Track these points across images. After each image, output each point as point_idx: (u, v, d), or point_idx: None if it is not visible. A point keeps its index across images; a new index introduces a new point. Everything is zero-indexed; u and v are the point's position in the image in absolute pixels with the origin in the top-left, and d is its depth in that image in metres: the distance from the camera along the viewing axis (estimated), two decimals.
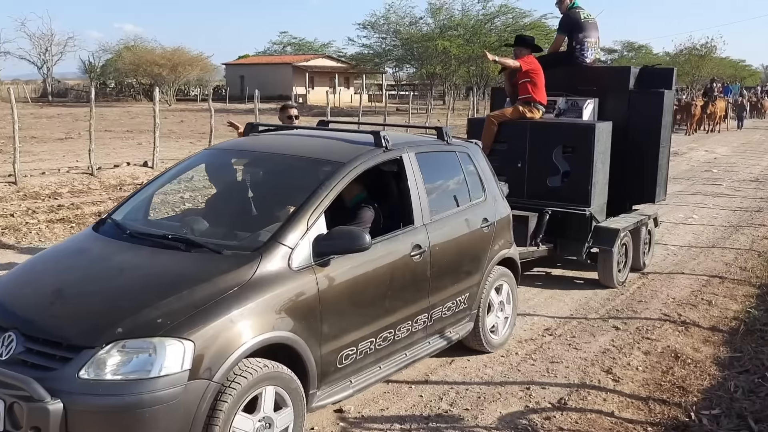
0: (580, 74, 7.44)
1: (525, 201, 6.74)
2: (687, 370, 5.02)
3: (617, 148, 6.98)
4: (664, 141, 7.22)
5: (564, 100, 7.32)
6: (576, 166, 6.72)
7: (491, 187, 5.26)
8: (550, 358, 5.19)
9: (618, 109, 7.18)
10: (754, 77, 70.08)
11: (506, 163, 6.85)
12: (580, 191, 6.64)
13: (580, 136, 6.69)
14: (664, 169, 7.42)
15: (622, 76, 7.29)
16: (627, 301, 6.56)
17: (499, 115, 7.15)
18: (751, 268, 7.77)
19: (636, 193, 7.43)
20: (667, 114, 7.16)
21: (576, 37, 7.39)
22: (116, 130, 24.04)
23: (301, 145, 4.71)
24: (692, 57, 52.64)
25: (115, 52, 54.52)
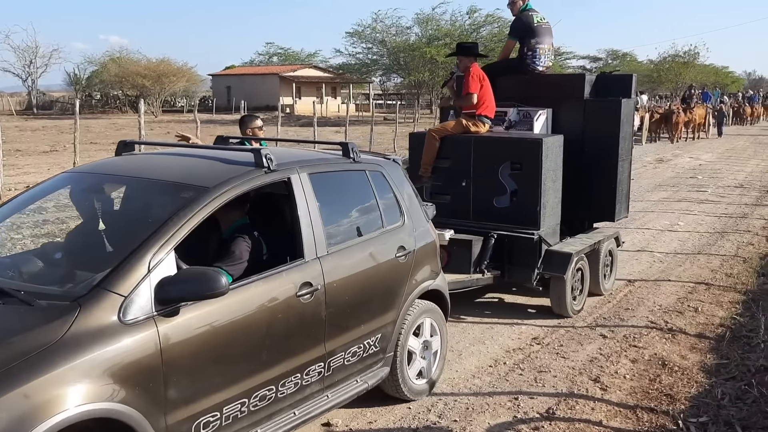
0: (532, 83, 6.97)
1: (471, 223, 6.29)
2: (674, 378, 5.04)
3: (573, 163, 6.49)
4: (624, 154, 6.74)
5: (515, 112, 6.77)
6: (523, 184, 6.16)
7: (412, 211, 4.61)
8: (538, 368, 5.19)
9: (573, 119, 6.69)
10: (737, 83, 70.76)
11: (450, 181, 6.42)
12: (528, 212, 6.10)
13: (527, 151, 6.10)
14: (625, 184, 6.95)
15: (576, 84, 6.82)
16: (614, 309, 6.58)
17: (440, 129, 6.60)
18: (736, 274, 7.81)
19: (594, 211, 6.96)
20: (625, 124, 6.68)
21: (528, 42, 6.88)
22: (102, 143, 23.94)
23: (168, 167, 4.00)
24: (675, 64, 53.10)
25: (100, 63, 54.30)
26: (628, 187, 7.08)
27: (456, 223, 6.19)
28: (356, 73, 47.77)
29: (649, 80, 56.94)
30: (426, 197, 6.30)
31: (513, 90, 6.95)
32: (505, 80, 6.97)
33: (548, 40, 6.95)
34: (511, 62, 7.19)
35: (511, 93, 6.91)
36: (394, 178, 4.58)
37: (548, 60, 7.01)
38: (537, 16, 6.93)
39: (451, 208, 6.30)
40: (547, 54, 6.97)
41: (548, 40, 6.95)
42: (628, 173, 6.99)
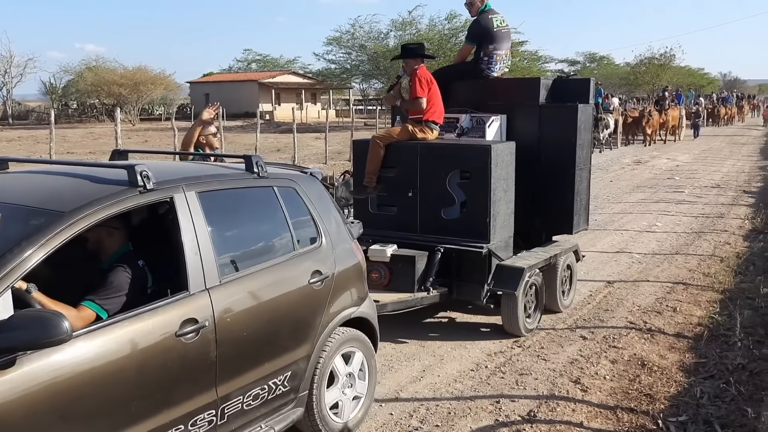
0: (487, 88, 6.62)
1: (418, 237, 5.92)
2: (653, 378, 5.08)
3: (528, 172, 6.18)
4: (582, 162, 6.36)
5: (468, 118, 6.33)
6: (472, 194, 5.79)
7: (331, 230, 4.13)
8: (519, 370, 5.21)
9: (528, 126, 6.35)
10: (712, 85, 71.61)
11: (396, 192, 6.06)
12: (478, 224, 5.73)
13: (475, 159, 5.73)
14: (584, 194, 6.54)
15: (531, 88, 6.43)
16: (593, 311, 6.63)
17: (385, 136, 6.17)
18: (713, 273, 7.90)
19: (551, 223, 6.55)
20: (583, 131, 6.31)
21: (485, 47, 6.50)
22: (79, 152, 23.73)
23: (30, 188, 3.44)
24: (652, 66, 53.65)
25: (76, 72, 53.84)
26: (588, 197, 6.69)
27: (402, 236, 5.92)
28: (336, 79, 47.78)
29: (626, 83, 57.52)
30: (372, 209, 6.17)
31: (467, 95, 6.64)
32: (458, 85, 6.70)
33: (506, 46, 6.63)
34: (465, 67, 6.79)
35: (465, 98, 6.61)
36: (310, 194, 4.09)
37: (504, 66, 6.66)
38: (497, 19, 6.53)
39: (397, 220, 6.07)
40: (504, 60, 6.62)
41: (506, 46, 6.63)
42: (587, 183, 6.61)
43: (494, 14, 6.54)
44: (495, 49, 6.48)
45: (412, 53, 6.29)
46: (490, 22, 6.47)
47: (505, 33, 6.61)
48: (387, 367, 5.25)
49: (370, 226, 5.81)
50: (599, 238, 9.81)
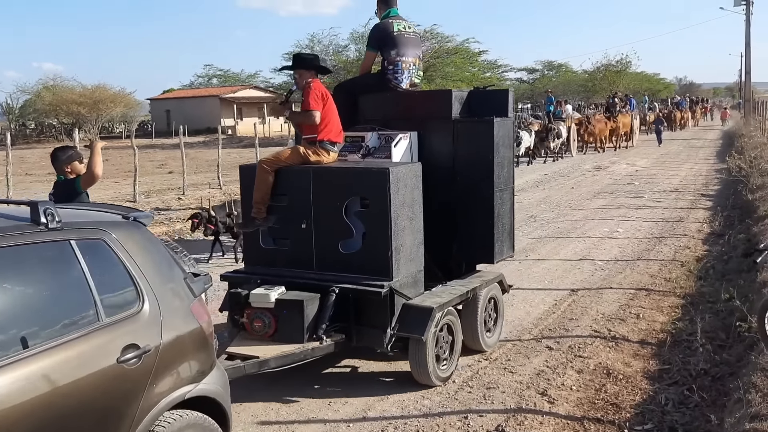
0: (396, 102, 5.99)
1: (314, 274, 5.22)
2: (619, 386, 5.12)
3: (444, 195, 5.69)
4: (502, 182, 5.74)
5: (375, 136, 5.69)
6: (371, 225, 5.09)
7: (160, 289, 3.34)
8: (486, 384, 5.21)
9: (442, 144, 5.76)
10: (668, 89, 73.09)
11: (288, 223, 5.35)
12: (378, 259, 5.01)
13: (372, 184, 5.03)
14: (506, 218, 5.87)
15: (443, 102, 5.79)
16: (559, 320, 6.67)
17: (274, 160, 5.40)
18: (675, 278, 8.02)
19: (469, 251, 5.90)
20: (502, 147, 5.69)
21: (388, 55, 5.87)
22: (38, 173, 23.22)
23: None
24: (609, 73, 54.60)
25: (33, 92, 52.90)
26: (512, 221, 6.02)
27: (297, 274, 5.23)
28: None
29: (584, 89, 58.42)
30: (263, 243, 5.49)
31: (375, 111, 6.01)
32: (366, 100, 6.07)
33: (413, 53, 5.98)
34: (371, 79, 6.17)
35: (373, 114, 5.99)
36: (129, 245, 3.32)
37: (415, 76, 6.00)
38: (399, 23, 5.94)
39: (291, 255, 5.36)
40: (413, 68, 5.95)
41: (413, 53, 5.98)
42: (510, 205, 5.94)
43: (397, 19, 5.99)
44: (399, 55, 5.86)
45: (306, 64, 5.59)
46: (389, 26, 5.90)
47: (411, 38, 5.98)
48: (354, 382, 5.22)
49: (262, 263, 5.47)
50: (562, 246, 9.91)
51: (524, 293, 7.47)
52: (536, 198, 14.87)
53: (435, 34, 40.13)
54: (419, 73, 6.08)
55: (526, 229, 11.16)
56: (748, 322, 5.63)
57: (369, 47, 6.19)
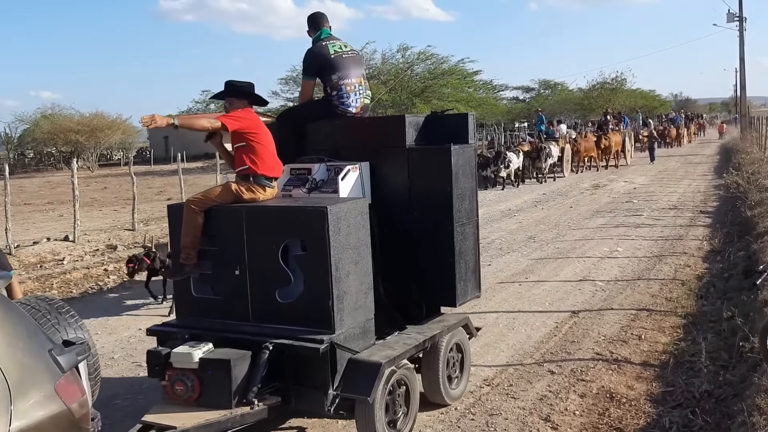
0: (347, 129, 5.51)
1: (250, 327, 4.60)
2: (622, 410, 5.08)
3: (401, 231, 5.18)
4: (464, 215, 5.19)
5: (323, 168, 5.11)
6: (309, 270, 4.52)
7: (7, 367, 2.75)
8: (489, 411, 5.17)
9: (397, 174, 5.23)
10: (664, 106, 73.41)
11: (221, 269, 4.76)
12: (318, 309, 4.39)
13: (308, 225, 4.44)
14: (470, 255, 5.29)
15: (396, 128, 5.29)
16: (560, 343, 6.63)
17: (202, 199, 4.78)
18: (676, 298, 7.99)
19: (429, 292, 5.30)
20: (462, 177, 5.15)
21: (329, 80, 5.42)
22: (36, 203, 23.31)
23: None
24: (604, 91, 54.89)
25: (32, 121, 53.14)
26: (476, 258, 5.43)
27: (230, 327, 4.64)
28: None
29: (580, 108, 58.68)
30: (195, 292, 4.89)
31: (324, 140, 5.51)
32: (313, 128, 5.58)
33: (356, 73, 5.51)
34: (317, 105, 5.71)
35: (322, 143, 5.48)
36: None
37: (362, 97, 5.52)
38: (334, 45, 5.50)
39: (225, 306, 4.78)
40: (359, 90, 5.50)
41: (356, 73, 5.51)
42: (473, 241, 5.37)
43: (331, 40, 5.55)
44: (341, 78, 5.40)
45: (236, 91, 5.05)
46: (324, 49, 5.46)
47: (350, 58, 5.53)
48: None
49: (194, 314, 4.89)
50: (562, 267, 9.89)
51: (525, 316, 7.44)
52: (535, 218, 14.87)
53: (430, 56, 40.45)
54: (368, 93, 5.63)
55: (525, 250, 11.15)
56: (751, 342, 5.59)
57: (306, 75, 5.65)
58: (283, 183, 5.08)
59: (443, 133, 5.31)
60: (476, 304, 7.89)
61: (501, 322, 7.33)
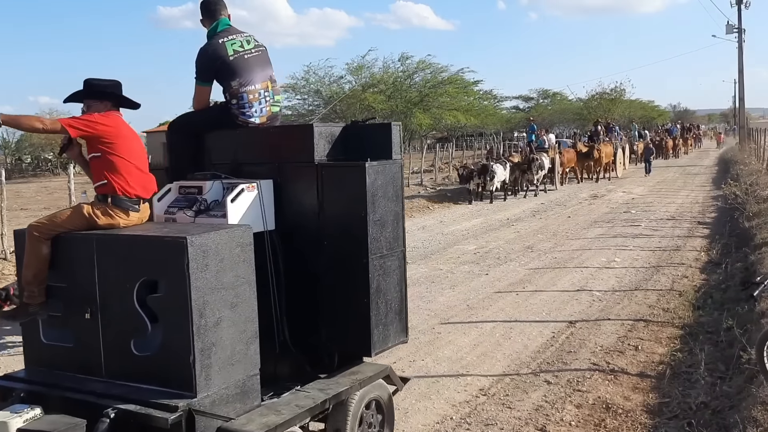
0: (248, 141, 4.67)
1: (99, 384, 3.75)
2: (619, 421, 5.06)
3: (310, 263, 4.36)
4: (383, 246, 4.29)
5: (218, 186, 4.26)
6: (166, 317, 3.63)
7: None
8: (484, 421, 5.14)
9: (304, 195, 4.40)
10: (663, 117, 73.62)
11: (70, 311, 3.90)
12: (176, 366, 3.55)
13: (164, 261, 3.59)
14: (393, 293, 4.39)
15: (302, 140, 4.41)
16: (557, 353, 6.60)
17: (47, 224, 3.89)
18: (673, 308, 7.96)
19: (340, 338, 4.39)
20: (382, 200, 4.28)
21: (228, 86, 4.55)
22: (33, 208, 23.21)
23: None
24: (603, 101, 55.00)
25: None
26: (402, 296, 4.51)
27: (78, 383, 3.78)
28: None
29: (579, 118, 58.80)
30: (45, 337, 4.03)
31: (222, 153, 4.68)
32: (212, 138, 4.74)
33: (261, 76, 4.63)
34: (216, 112, 4.78)
35: (221, 157, 4.66)
36: None
37: (269, 105, 4.67)
38: (234, 42, 4.57)
39: (75, 356, 3.92)
40: (265, 98, 4.64)
41: (261, 76, 4.63)
42: (398, 276, 4.46)
43: (231, 35, 4.61)
44: (242, 85, 4.54)
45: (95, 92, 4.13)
46: (221, 49, 4.53)
47: (254, 59, 4.62)
48: None
49: (43, 364, 4.04)
50: (560, 277, 9.87)
51: (522, 326, 7.42)
52: (533, 228, 14.86)
53: (429, 65, 40.54)
54: (277, 100, 4.76)
55: (523, 260, 11.13)
56: (748, 353, 5.57)
57: (199, 80, 4.68)
58: (167, 204, 4.25)
59: (363, 147, 4.51)
60: (473, 313, 7.94)
61: (498, 331, 7.30)
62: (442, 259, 11.50)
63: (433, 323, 7.61)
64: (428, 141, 47.62)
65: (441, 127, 46.19)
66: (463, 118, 41.44)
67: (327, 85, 41.45)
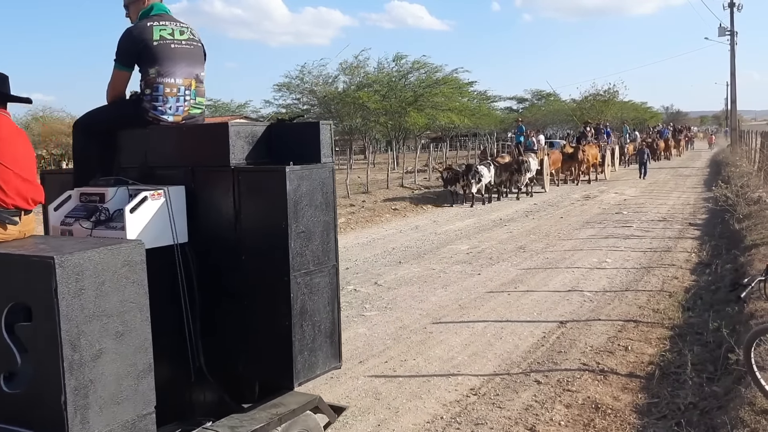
0: (161, 142, 4.16)
1: None
2: (608, 421, 5.10)
3: (227, 282, 3.90)
4: (309, 261, 3.82)
5: (122, 194, 3.80)
6: (35, 350, 3.11)
7: None
8: (474, 420, 5.17)
9: (220, 204, 3.93)
10: (656, 118, 73.85)
11: None
12: (47, 406, 3.03)
13: (29, 284, 3.09)
14: (321, 314, 3.90)
15: (217, 141, 3.95)
16: (547, 353, 6.64)
17: None
18: (663, 309, 8.02)
19: (258, 367, 3.90)
20: (309, 209, 3.82)
21: (144, 72, 4.11)
22: None
23: None
24: (597, 102, 55.15)
25: (23, 123, 52.95)
26: (334, 318, 4.01)
27: None
28: None
29: (572, 119, 58.99)
30: None
31: (132, 155, 4.20)
32: (122, 138, 4.24)
33: (186, 71, 4.19)
34: (124, 108, 4.27)
35: (129, 160, 4.19)
36: None
37: (189, 106, 4.23)
38: (165, 28, 4.15)
39: None
40: (186, 95, 4.20)
41: (186, 71, 4.19)
42: (329, 295, 3.97)
43: (164, 21, 4.19)
44: (160, 74, 4.09)
45: None
46: (147, 32, 4.08)
47: (181, 50, 4.18)
48: (341, 422, 5.15)
49: None
50: (551, 277, 9.92)
51: (513, 326, 7.46)
52: (526, 228, 14.91)
53: (423, 65, 40.61)
54: (199, 101, 4.29)
55: (515, 260, 11.18)
56: (736, 354, 5.62)
57: (118, 64, 4.21)
58: (64, 214, 3.76)
59: (289, 148, 4.07)
60: (464, 313, 7.98)
61: (489, 331, 7.33)
62: (434, 258, 11.54)
63: (425, 323, 7.65)
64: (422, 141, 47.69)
65: (435, 127, 46.26)
66: (457, 118, 41.51)
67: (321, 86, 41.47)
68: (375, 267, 10.91)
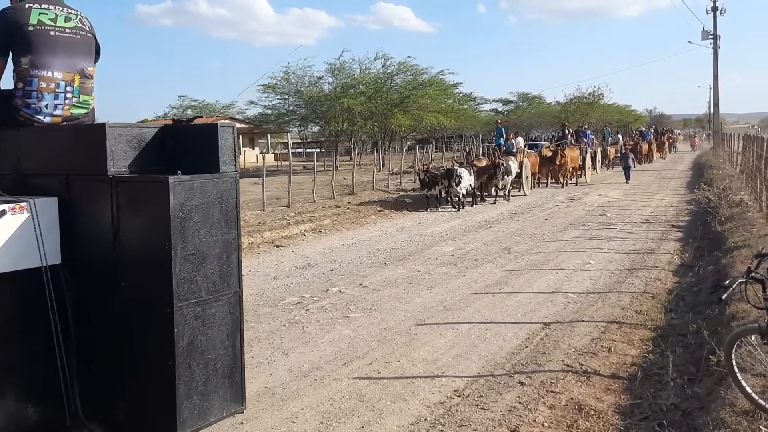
0: (34, 145, 3.65)
1: None
2: (590, 422, 5.11)
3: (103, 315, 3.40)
4: (199, 289, 3.29)
5: None
6: None
7: None
8: (458, 422, 5.17)
9: (97, 220, 3.40)
10: (639, 121, 74.34)
11: None
12: None
13: None
14: (217, 351, 3.39)
15: (93, 144, 3.41)
16: (531, 354, 6.66)
17: None
18: (645, 311, 8.07)
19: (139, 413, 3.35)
20: (203, 228, 3.28)
21: (17, 63, 3.62)
22: None
23: None
24: (581, 105, 55.49)
25: None
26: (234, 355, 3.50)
27: None
28: (273, 124, 47.82)
29: (557, 121, 59.32)
30: None
31: (4, 160, 3.72)
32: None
33: (68, 64, 3.67)
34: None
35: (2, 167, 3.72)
36: None
37: (71, 105, 3.73)
38: (47, 12, 3.61)
39: None
40: (66, 93, 3.68)
41: (68, 64, 3.67)
42: (227, 328, 3.44)
43: (48, 4, 3.65)
44: (34, 66, 3.58)
45: None
46: (22, 14, 3.55)
47: (64, 39, 3.65)
48: (324, 425, 5.14)
49: None
50: (536, 278, 9.95)
51: (497, 327, 7.47)
52: (510, 230, 14.96)
53: (409, 67, 40.63)
54: (84, 101, 3.77)
55: (500, 262, 11.21)
56: (717, 355, 5.66)
57: None
58: None
59: (184, 155, 3.52)
60: (449, 314, 7.99)
61: (473, 332, 7.34)
62: (420, 260, 11.55)
63: (409, 324, 7.65)
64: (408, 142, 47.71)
65: (421, 128, 46.32)
66: (444, 119, 41.59)
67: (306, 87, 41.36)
68: (360, 268, 10.91)
